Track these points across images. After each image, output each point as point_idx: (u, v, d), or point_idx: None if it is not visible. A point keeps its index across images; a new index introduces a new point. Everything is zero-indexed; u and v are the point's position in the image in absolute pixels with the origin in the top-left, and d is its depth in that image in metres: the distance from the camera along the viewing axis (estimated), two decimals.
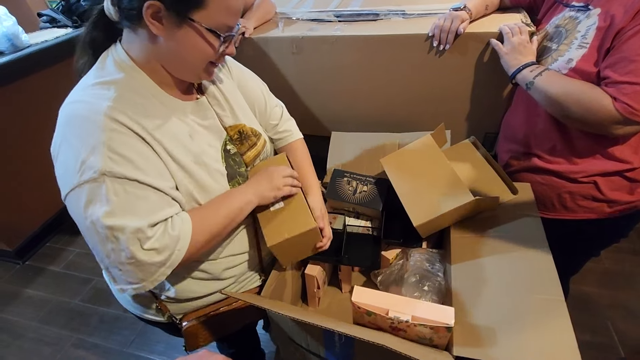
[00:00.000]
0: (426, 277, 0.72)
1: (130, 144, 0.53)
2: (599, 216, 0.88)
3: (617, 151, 0.80)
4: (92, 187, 0.51)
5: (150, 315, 0.77)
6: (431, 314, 0.55)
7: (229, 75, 0.76)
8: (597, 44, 0.74)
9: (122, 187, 0.52)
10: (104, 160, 0.50)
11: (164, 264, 0.56)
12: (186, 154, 0.61)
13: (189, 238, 0.58)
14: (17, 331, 1.62)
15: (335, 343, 0.61)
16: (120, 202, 0.51)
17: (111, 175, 0.51)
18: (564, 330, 0.57)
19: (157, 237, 0.54)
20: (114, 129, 0.52)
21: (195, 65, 0.59)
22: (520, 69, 0.87)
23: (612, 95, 0.71)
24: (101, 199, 0.51)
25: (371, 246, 0.87)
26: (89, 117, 0.52)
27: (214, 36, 0.55)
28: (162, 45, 0.55)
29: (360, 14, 1.18)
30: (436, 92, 1.13)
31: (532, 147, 0.93)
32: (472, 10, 1.00)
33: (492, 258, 0.71)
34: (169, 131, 0.59)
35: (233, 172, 0.69)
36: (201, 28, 0.53)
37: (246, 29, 1.13)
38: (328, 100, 1.25)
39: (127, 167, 0.52)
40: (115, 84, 0.56)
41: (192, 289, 0.72)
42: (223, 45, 0.58)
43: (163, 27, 0.53)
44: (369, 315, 0.58)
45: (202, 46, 0.56)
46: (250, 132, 0.74)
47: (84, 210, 0.52)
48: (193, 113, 0.65)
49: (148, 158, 0.55)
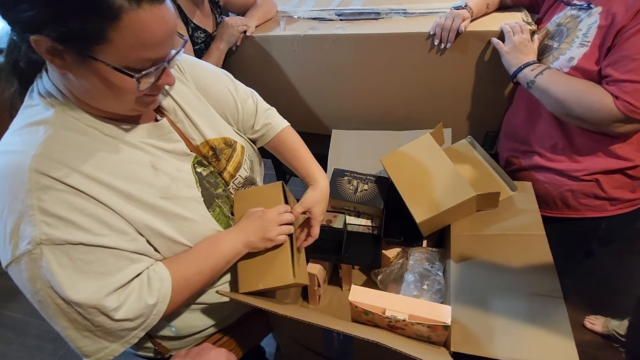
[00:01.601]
0: (426, 276, 0.73)
1: (68, 201, 0.44)
2: (601, 214, 0.88)
3: (619, 149, 0.80)
4: (29, 261, 0.43)
5: (150, 353, 0.70)
6: (428, 313, 0.55)
7: (184, 79, 0.64)
8: (598, 42, 0.74)
9: (65, 254, 0.44)
10: (37, 226, 0.42)
11: (136, 328, 0.50)
12: (150, 192, 0.52)
13: (167, 301, 0.51)
14: (20, 328, 1.64)
15: (334, 340, 0.62)
16: (67, 273, 0.44)
17: (50, 244, 0.43)
18: (562, 328, 0.57)
19: (129, 304, 0.47)
20: (44, 187, 0.43)
21: (117, 104, 0.49)
22: (522, 68, 0.87)
23: (613, 94, 0.71)
24: (44, 273, 0.43)
25: (371, 245, 0.88)
26: (13, 177, 0.43)
27: (126, 76, 0.44)
28: (74, 82, 0.46)
29: (362, 13, 1.18)
30: (437, 90, 1.13)
31: (533, 146, 0.93)
32: (473, 8, 1.00)
33: (492, 256, 0.71)
34: (122, 168, 0.50)
35: (210, 195, 0.61)
36: (107, 67, 0.42)
37: (248, 28, 1.14)
38: (329, 99, 1.25)
39: (67, 229, 0.44)
40: (45, 124, 0.46)
41: (192, 324, 0.67)
42: (147, 81, 0.46)
43: (65, 64, 0.43)
44: (366, 315, 0.58)
45: (117, 85, 0.45)
46: (223, 144, 0.66)
47: (31, 286, 0.44)
48: (152, 137, 0.55)
49: (92, 214, 0.46)
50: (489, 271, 0.69)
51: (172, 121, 0.60)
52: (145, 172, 0.53)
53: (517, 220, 0.77)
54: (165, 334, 0.66)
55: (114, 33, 0.40)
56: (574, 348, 0.54)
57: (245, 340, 0.76)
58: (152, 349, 0.68)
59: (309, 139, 0.91)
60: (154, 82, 0.48)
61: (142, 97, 0.49)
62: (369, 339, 0.49)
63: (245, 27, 1.13)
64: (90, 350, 0.48)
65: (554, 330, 0.57)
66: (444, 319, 0.54)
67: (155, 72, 0.47)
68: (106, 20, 0.39)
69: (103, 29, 0.40)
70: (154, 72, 0.47)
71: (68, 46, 0.41)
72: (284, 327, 0.72)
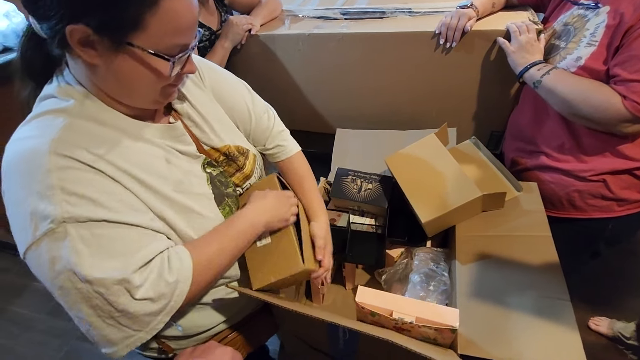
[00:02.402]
0: (431, 276, 0.72)
1: (87, 179, 0.44)
2: (608, 215, 0.87)
3: (627, 149, 0.80)
4: (51, 240, 0.42)
5: (154, 353, 0.70)
6: (436, 316, 0.55)
7: (201, 85, 0.65)
8: (606, 41, 0.74)
9: (89, 231, 0.43)
10: (59, 205, 0.41)
11: (160, 312, 0.48)
12: (165, 184, 0.53)
13: (189, 281, 0.50)
14: (26, 323, 1.65)
15: (339, 339, 0.62)
16: (92, 251, 0.43)
17: (73, 221, 0.42)
18: (569, 330, 0.56)
19: (150, 283, 0.46)
20: (63, 167, 0.43)
21: (145, 93, 0.50)
22: (528, 68, 0.87)
23: (621, 94, 0.71)
24: (67, 252, 0.42)
25: (375, 244, 0.87)
26: (32, 160, 0.43)
27: (163, 60, 0.45)
28: (102, 74, 0.46)
29: (367, 12, 1.17)
30: (442, 90, 1.12)
31: (540, 145, 0.92)
32: (479, 8, 1.00)
33: (498, 257, 0.71)
34: (139, 158, 0.51)
35: (220, 194, 0.62)
36: (144, 53, 0.44)
37: (253, 26, 1.14)
38: (333, 98, 1.25)
39: (89, 207, 0.43)
40: (65, 112, 0.46)
41: (198, 323, 0.66)
42: (177, 67, 0.48)
43: (97, 53, 0.43)
44: (372, 316, 0.58)
45: (148, 72, 0.46)
46: (237, 152, 0.66)
47: (50, 270, 0.42)
48: (165, 138, 0.56)
49: (112, 192, 0.46)
50: (495, 272, 0.68)
51: (185, 125, 0.61)
52: (161, 165, 0.54)
53: (523, 221, 0.77)
54: (172, 333, 0.65)
55: (151, 19, 0.41)
56: (582, 351, 0.53)
57: (251, 339, 0.76)
58: (157, 348, 0.68)
59: (313, 138, 0.91)
60: (179, 70, 0.49)
61: (165, 88, 0.50)
62: (377, 336, 0.49)
63: (250, 25, 1.13)
64: (115, 339, 0.47)
65: (561, 333, 0.56)
66: (452, 322, 0.54)
67: (183, 59, 0.48)
68: (145, 6, 0.41)
69: (141, 15, 0.41)
70: (181, 60, 0.48)
71: (104, 34, 0.41)
72: (289, 325, 0.72)
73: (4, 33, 1.58)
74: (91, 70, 0.46)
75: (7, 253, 1.97)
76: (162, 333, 0.64)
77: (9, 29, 1.57)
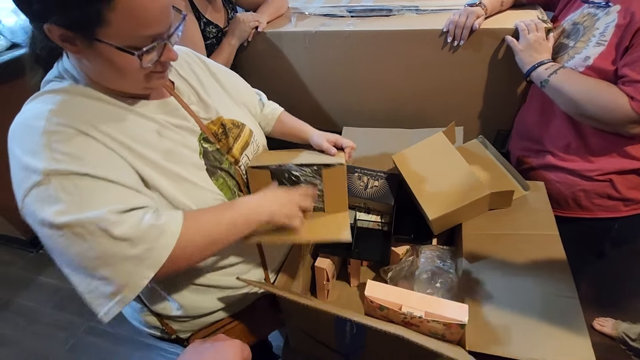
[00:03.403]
0: (438, 273, 0.73)
1: (76, 141, 0.48)
2: (614, 215, 0.87)
3: (634, 149, 0.80)
4: (38, 191, 0.45)
5: (157, 332, 0.74)
6: (445, 311, 0.55)
7: (206, 71, 0.72)
8: (615, 41, 0.73)
9: (71, 182, 0.46)
10: (46, 161, 0.45)
11: (141, 259, 0.47)
12: (154, 152, 0.55)
13: (176, 237, 0.50)
14: (32, 316, 1.67)
15: (346, 334, 0.62)
16: (73, 198, 0.46)
17: (56, 174, 0.45)
18: (578, 328, 0.57)
19: (130, 224, 0.47)
20: (54, 131, 0.47)
21: (128, 82, 0.53)
22: (535, 67, 0.86)
23: (629, 94, 0.70)
24: (50, 200, 0.45)
25: (381, 241, 0.88)
26: (30, 124, 0.48)
27: (129, 54, 0.47)
28: (87, 65, 0.51)
29: (373, 9, 1.17)
30: (449, 88, 1.12)
31: (546, 145, 0.92)
32: (488, 6, 0.99)
33: (505, 255, 0.71)
34: (130, 129, 0.54)
35: (213, 167, 0.63)
36: (111, 48, 0.46)
37: (259, 24, 1.14)
38: (340, 95, 1.25)
39: (74, 163, 0.47)
40: (63, 91, 0.51)
41: (199, 304, 0.69)
42: (148, 57, 0.49)
43: (77, 49, 0.47)
44: (381, 310, 0.59)
45: (121, 65, 0.49)
46: (232, 124, 0.70)
47: (38, 217, 0.46)
48: (160, 113, 0.59)
49: (100, 154, 0.49)
50: (502, 270, 0.68)
51: (184, 102, 0.64)
52: (152, 137, 0.56)
53: (530, 220, 0.77)
54: (172, 312, 0.68)
55: (111, 14, 0.43)
56: (591, 348, 0.54)
57: (254, 330, 0.77)
58: (160, 328, 0.72)
59: None
60: (157, 59, 0.51)
61: (150, 75, 0.53)
62: (386, 330, 0.49)
63: (257, 23, 1.13)
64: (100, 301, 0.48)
65: (569, 330, 0.56)
66: (461, 317, 0.54)
67: (157, 49, 0.50)
68: (102, 2, 0.43)
69: (101, 12, 0.43)
70: (156, 49, 0.50)
71: (75, 32, 0.45)
72: (296, 320, 0.73)
73: (12, 29, 1.59)
74: (79, 62, 0.51)
75: (12, 247, 2.00)
76: (162, 312, 0.68)
77: (17, 25, 1.58)
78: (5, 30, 1.58)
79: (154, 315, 0.70)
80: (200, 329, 0.74)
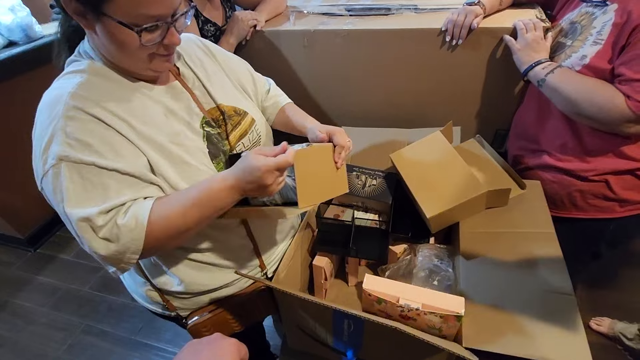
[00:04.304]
0: (435, 272, 0.73)
1: (89, 128, 0.53)
2: (609, 215, 0.87)
3: (630, 150, 0.80)
4: (54, 174, 0.52)
5: (159, 309, 0.77)
6: (442, 303, 0.56)
7: (213, 59, 0.75)
8: (612, 40, 0.73)
9: (78, 172, 0.52)
10: (61, 146, 0.51)
11: (123, 251, 0.54)
12: (161, 134, 0.59)
13: (143, 232, 0.54)
14: (29, 316, 1.67)
15: (344, 331, 0.62)
16: (75, 190, 0.52)
17: (68, 160, 0.51)
18: (574, 326, 0.57)
19: (108, 226, 0.53)
20: (71, 116, 0.52)
21: (131, 59, 0.56)
22: (533, 66, 0.86)
23: (626, 93, 0.71)
24: (61, 187, 0.52)
25: (379, 239, 0.88)
26: (52, 105, 0.53)
27: (129, 30, 0.50)
28: (98, 41, 0.55)
29: (372, 8, 1.17)
30: (447, 87, 1.12)
31: (542, 145, 0.92)
32: (486, 5, 0.99)
33: (502, 253, 0.71)
34: (139, 111, 0.58)
35: (216, 149, 0.66)
36: (114, 22, 0.50)
37: (258, 22, 1.14)
38: (338, 94, 1.25)
39: (84, 151, 0.52)
40: (82, 72, 0.56)
41: (199, 281, 0.71)
42: (149, 36, 0.52)
43: (89, 23, 0.51)
44: (379, 303, 0.59)
45: (123, 40, 0.52)
46: (233, 112, 0.71)
47: (54, 198, 0.53)
48: (165, 97, 0.63)
49: (109, 141, 0.54)
50: (499, 268, 0.69)
51: (189, 87, 0.67)
52: (159, 118, 0.60)
53: (527, 218, 0.77)
54: (173, 288, 0.71)
55: None
56: (587, 345, 0.54)
57: (251, 312, 0.79)
58: (161, 304, 0.75)
59: None
60: (160, 41, 0.54)
61: (153, 56, 0.56)
62: (383, 323, 0.49)
63: (255, 21, 1.13)
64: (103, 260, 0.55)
65: (566, 328, 0.57)
66: (458, 309, 0.54)
67: (160, 31, 0.53)
68: None
69: None
70: (160, 30, 0.53)
71: (85, 5, 0.49)
72: (293, 316, 0.73)
73: (9, 27, 1.58)
74: (92, 38, 0.56)
75: (10, 246, 1.99)
76: (163, 287, 0.72)
77: (14, 23, 1.57)
78: (2, 28, 1.57)
79: (156, 290, 0.73)
80: (199, 308, 0.76)
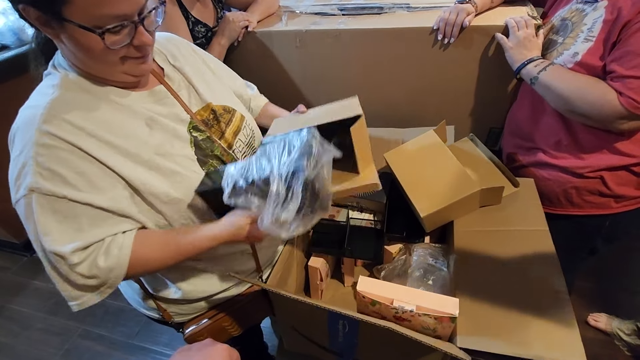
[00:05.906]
0: (430, 271, 0.73)
1: (62, 157, 0.50)
2: (605, 211, 0.87)
3: (623, 146, 0.80)
4: (25, 204, 0.50)
5: (155, 314, 0.77)
6: (436, 304, 0.55)
7: (197, 59, 0.73)
8: (603, 37, 0.73)
9: (50, 205, 0.50)
10: (33, 177, 0.49)
11: (100, 285, 0.54)
12: (145, 148, 0.56)
13: (124, 270, 0.54)
14: (26, 321, 1.66)
15: (339, 332, 0.62)
16: (47, 224, 0.50)
17: (39, 192, 0.49)
18: (568, 324, 0.57)
19: (85, 264, 0.52)
20: (43, 144, 0.49)
21: (103, 65, 0.53)
22: (525, 64, 0.86)
23: (617, 90, 0.71)
24: (33, 218, 0.50)
25: (374, 239, 0.88)
26: (25, 128, 0.50)
27: (92, 33, 0.46)
28: (65, 49, 0.52)
29: (364, 7, 1.17)
30: (440, 86, 1.12)
31: (537, 142, 0.92)
32: (478, 3, 0.99)
33: (496, 252, 0.71)
34: (120, 126, 0.55)
35: (204, 155, 0.63)
36: (75, 26, 0.46)
37: (250, 23, 1.13)
38: (331, 94, 1.24)
39: (57, 182, 0.50)
40: (56, 86, 0.53)
41: (197, 288, 0.71)
42: (115, 38, 0.48)
43: (54, 31, 0.48)
44: (373, 305, 0.59)
45: (87, 45, 0.48)
46: (222, 110, 0.70)
47: (26, 225, 0.52)
48: (148, 103, 0.60)
49: (83, 171, 0.51)
50: (493, 267, 0.69)
51: (173, 90, 0.64)
52: (141, 130, 0.57)
53: (520, 216, 0.77)
54: (170, 296, 0.70)
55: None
56: (581, 343, 0.54)
57: (248, 315, 0.79)
58: (156, 309, 0.74)
59: None
60: (129, 43, 0.50)
61: (125, 59, 0.52)
62: (377, 324, 0.49)
63: (247, 22, 1.13)
64: (71, 295, 0.54)
65: (560, 326, 0.56)
66: (452, 310, 0.54)
67: (128, 31, 0.49)
68: None
69: None
70: (126, 31, 0.49)
71: (45, 12, 0.45)
72: (289, 318, 0.72)
73: (0, 31, 1.57)
74: (61, 48, 0.52)
75: (6, 251, 1.98)
76: (160, 294, 0.71)
77: (6, 26, 1.56)
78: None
79: (153, 298, 0.72)
80: (197, 313, 0.76)
